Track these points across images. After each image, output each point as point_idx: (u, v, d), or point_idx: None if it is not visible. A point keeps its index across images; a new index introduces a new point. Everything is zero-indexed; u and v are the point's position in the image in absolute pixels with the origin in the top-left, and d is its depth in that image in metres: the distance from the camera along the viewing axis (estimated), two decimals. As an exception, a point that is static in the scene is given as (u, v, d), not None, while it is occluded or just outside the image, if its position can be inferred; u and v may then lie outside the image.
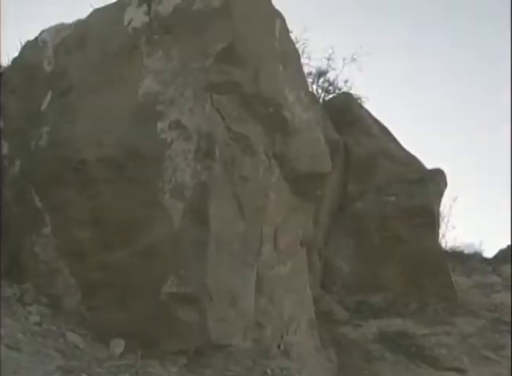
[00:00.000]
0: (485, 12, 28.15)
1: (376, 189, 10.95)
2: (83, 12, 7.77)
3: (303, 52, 11.25)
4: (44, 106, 7.28)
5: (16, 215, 7.14)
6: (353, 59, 12.73)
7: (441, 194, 11.37)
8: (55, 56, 7.52)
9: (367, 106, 12.39)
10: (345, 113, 11.54)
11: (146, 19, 6.95)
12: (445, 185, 11.41)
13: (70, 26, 7.69)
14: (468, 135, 28.97)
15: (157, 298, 6.16)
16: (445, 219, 13.40)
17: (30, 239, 6.96)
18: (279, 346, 7.21)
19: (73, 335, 6.17)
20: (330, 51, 12.64)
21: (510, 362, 8.78)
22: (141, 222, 6.33)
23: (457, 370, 8.63)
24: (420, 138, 24.42)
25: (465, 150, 28.29)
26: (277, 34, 7.40)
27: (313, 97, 10.62)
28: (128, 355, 6.04)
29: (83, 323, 6.45)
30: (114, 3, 7.43)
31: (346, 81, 12.85)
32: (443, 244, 12.96)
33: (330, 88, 12.84)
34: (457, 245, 15.10)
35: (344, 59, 12.76)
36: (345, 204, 10.92)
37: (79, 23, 7.63)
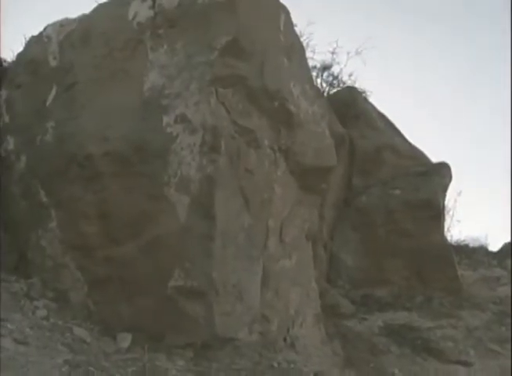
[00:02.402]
0: (489, 8, 28.01)
1: (382, 182, 10.94)
2: (87, 7, 7.78)
3: (307, 45, 11.15)
4: (49, 102, 7.29)
5: (22, 210, 7.17)
6: (357, 53, 12.60)
7: (446, 188, 11.33)
8: (60, 51, 7.52)
9: (371, 99, 12.36)
10: (350, 107, 11.50)
11: (151, 13, 6.95)
12: (450, 178, 11.39)
13: (74, 21, 7.69)
14: (474, 129, 28.84)
15: (164, 291, 6.18)
16: (450, 213, 13.36)
17: (37, 234, 6.98)
18: (285, 339, 7.21)
19: (80, 329, 6.19)
20: (335, 45, 12.55)
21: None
22: (147, 216, 6.35)
23: (463, 363, 8.59)
24: (425, 131, 24.39)
25: (470, 144, 28.13)
26: (282, 28, 7.38)
27: (318, 91, 10.58)
28: (134, 348, 6.06)
29: (90, 317, 6.47)
30: (119, -2, 7.42)
31: (350, 75, 12.75)
32: (448, 238, 12.90)
33: (335, 81, 12.74)
34: (462, 239, 15.10)
35: (348, 53, 12.64)
36: (350, 198, 10.91)
37: (84, 18, 7.63)
